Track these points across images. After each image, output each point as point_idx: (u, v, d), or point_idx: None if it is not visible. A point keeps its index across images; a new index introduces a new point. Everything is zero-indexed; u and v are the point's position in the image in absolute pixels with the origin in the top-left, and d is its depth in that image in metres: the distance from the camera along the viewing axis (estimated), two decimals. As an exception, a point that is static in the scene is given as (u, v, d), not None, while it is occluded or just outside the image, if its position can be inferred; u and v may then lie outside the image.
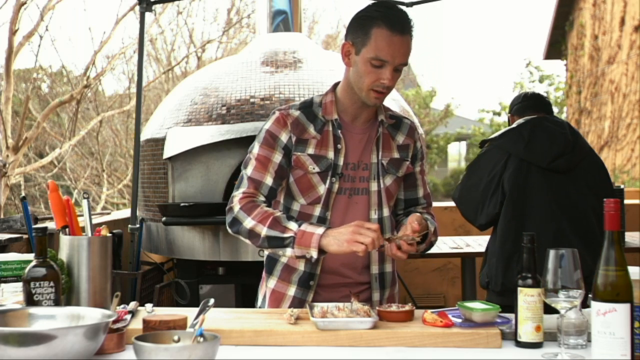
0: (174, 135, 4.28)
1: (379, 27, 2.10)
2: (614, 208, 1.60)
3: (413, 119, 4.12)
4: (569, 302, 1.70)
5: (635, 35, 11.51)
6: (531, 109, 3.21)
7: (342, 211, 2.22)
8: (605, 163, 13.14)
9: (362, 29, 2.13)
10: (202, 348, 1.58)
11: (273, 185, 2.20)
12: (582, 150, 3.08)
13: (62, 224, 2.04)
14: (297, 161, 2.20)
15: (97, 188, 11.46)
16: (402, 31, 2.10)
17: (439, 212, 6.11)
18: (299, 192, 2.22)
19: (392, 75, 2.12)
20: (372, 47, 2.10)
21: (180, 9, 11.50)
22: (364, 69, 2.13)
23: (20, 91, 11.03)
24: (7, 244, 3.82)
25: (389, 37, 2.09)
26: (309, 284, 2.24)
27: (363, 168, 2.24)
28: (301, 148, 2.20)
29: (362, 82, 2.14)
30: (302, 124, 2.21)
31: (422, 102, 17.87)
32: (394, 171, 2.27)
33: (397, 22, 2.10)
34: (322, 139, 2.21)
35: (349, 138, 2.22)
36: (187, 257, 4.32)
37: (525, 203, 3.00)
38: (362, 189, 2.23)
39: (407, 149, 2.31)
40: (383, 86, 2.12)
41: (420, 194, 2.37)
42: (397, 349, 1.82)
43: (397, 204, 2.35)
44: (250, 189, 2.18)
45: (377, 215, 2.24)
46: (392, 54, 2.09)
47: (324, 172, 2.19)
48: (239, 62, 4.68)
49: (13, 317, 1.75)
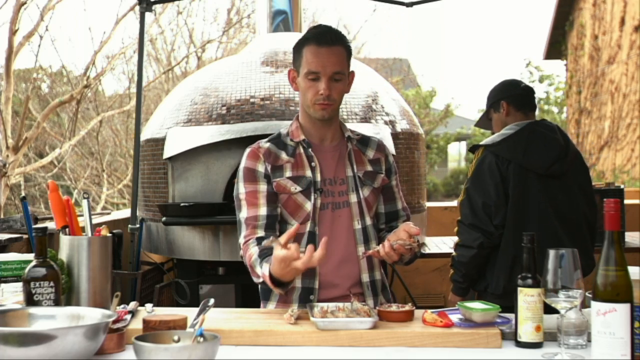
0: (174, 135, 4.28)
1: (308, 45, 2.28)
2: (614, 208, 1.60)
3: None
4: (569, 302, 1.71)
5: (635, 35, 11.51)
6: (529, 106, 3.21)
7: (328, 226, 2.30)
8: (605, 163, 13.07)
9: (298, 53, 2.31)
10: (202, 348, 1.58)
11: (269, 213, 2.27)
12: (572, 153, 3.12)
13: (62, 224, 2.04)
14: (278, 186, 2.29)
15: (97, 188, 11.46)
16: (328, 43, 2.25)
17: (439, 212, 6.13)
18: (289, 215, 2.31)
19: (329, 85, 2.24)
20: (305, 64, 2.26)
21: (180, 9, 11.49)
22: (305, 85, 2.27)
23: (20, 91, 11.03)
24: (7, 244, 3.81)
25: (317, 50, 2.25)
26: (309, 299, 2.27)
27: (340, 183, 2.33)
28: (279, 174, 2.30)
29: (307, 99, 2.28)
30: (273, 153, 2.32)
31: (422, 102, 17.85)
32: (370, 183, 2.36)
33: (323, 36, 2.27)
34: (297, 161, 2.32)
35: (321, 157, 2.34)
36: (187, 257, 4.32)
37: (526, 209, 3.02)
38: (342, 202, 2.32)
39: (379, 162, 2.41)
40: (323, 97, 2.24)
41: (400, 206, 2.46)
42: (397, 349, 1.82)
43: (379, 218, 2.43)
44: (248, 230, 2.27)
45: (360, 225, 2.33)
46: (322, 65, 2.23)
47: (307, 190, 2.29)
48: (239, 62, 4.68)
49: (13, 317, 1.76)
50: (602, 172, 12.58)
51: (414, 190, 4.58)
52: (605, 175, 12.40)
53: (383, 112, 4.44)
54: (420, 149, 4.69)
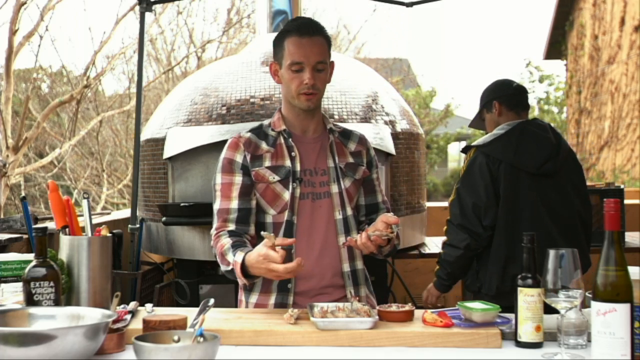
0: (174, 135, 4.28)
1: (289, 37, 2.30)
2: (614, 208, 1.60)
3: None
4: (569, 302, 1.71)
5: (635, 35, 11.51)
6: (521, 106, 3.21)
7: (308, 216, 2.32)
8: (605, 163, 13.06)
9: (279, 46, 2.33)
10: (202, 348, 1.58)
11: (240, 206, 2.30)
12: (564, 152, 3.11)
13: (62, 224, 2.04)
14: (257, 176, 2.31)
15: (97, 188, 11.46)
16: (309, 33, 2.28)
17: (439, 212, 6.12)
18: (267, 204, 2.33)
19: (313, 75, 2.27)
20: (288, 55, 2.29)
21: (180, 9, 11.49)
22: (288, 77, 2.30)
23: (20, 91, 11.03)
24: (7, 244, 3.81)
25: (298, 41, 2.28)
26: (287, 287, 2.30)
27: (321, 173, 2.36)
28: (258, 163, 2.32)
29: (291, 90, 2.30)
30: (254, 142, 2.35)
31: (422, 102, 17.85)
32: (352, 174, 2.39)
33: (303, 27, 2.29)
34: (277, 151, 2.34)
35: (302, 147, 2.36)
36: (187, 257, 4.32)
37: (518, 208, 3.02)
38: (323, 192, 2.34)
39: (361, 155, 2.44)
40: (307, 87, 2.27)
41: (380, 199, 2.48)
42: (397, 349, 1.82)
43: (359, 210, 2.45)
44: (219, 222, 2.31)
45: (341, 216, 2.34)
46: (305, 55, 2.26)
47: (285, 180, 2.31)
48: (239, 62, 4.68)
49: (13, 317, 1.76)
50: (602, 172, 12.59)
51: (414, 190, 4.58)
52: (605, 175, 12.40)
53: (383, 112, 4.44)
54: (420, 149, 4.69)
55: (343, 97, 4.35)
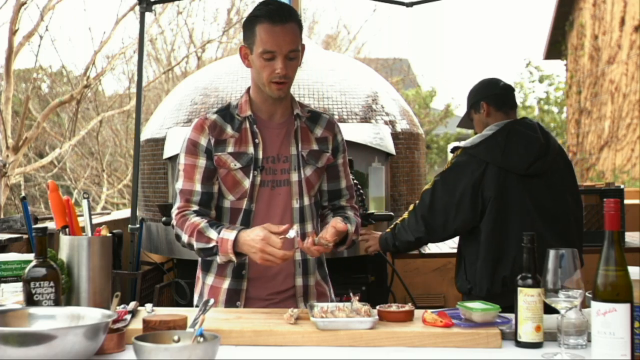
0: (174, 135, 4.28)
1: (260, 23, 2.24)
2: (614, 208, 1.60)
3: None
4: (569, 302, 1.71)
5: (635, 35, 11.51)
6: (509, 105, 3.16)
7: (266, 203, 2.32)
8: (605, 163, 13.06)
9: (250, 30, 2.27)
10: (202, 348, 1.58)
11: (203, 190, 2.30)
12: (554, 151, 3.08)
13: (62, 224, 2.04)
14: (219, 161, 2.30)
15: (97, 188, 11.46)
16: (282, 20, 2.23)
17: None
18: (227, 190, 2.32)
19: (285, 64, 2.23)
20: (259, 43, 2.23)
21: (180, 9, 11.49)
22: (259, 64, 2.25)
23: (20, 91, 11.03)
24: (7, 244, 3.82)
25: (271, 28, 2.22)
26: (241, 274, 2.32)
27: (283, 161, 2.33)
28: (221, 148, 2.30)
29: (262, 77, 2.26)
30: (219, 126, 2.32)
31: (422, 102, 17.85)
32: (314, 162, 2.36)
33: (275, 14, 2.23)
34: (241, 136, 2.31)
35: (266, 133, 2.33)
36: (187, 257, 4.31)
37: (507, 209, 2.98)
38: (283, 180, 2.33)
39: (326, 141, 2.40)
40: (279, 76, 2.23)
41: (343, 185, 2.47)
42: (397, 349, 1.82)
43: (322, 196, 2.45)
44: (182, 202, 2.31)
45: (298, 205, 2.34)
46: (277, 44, 2.22)
47: (246, 167, 2.30)
48: (239, 62, 4.64)
49: (13, 317, 1.76)
50: (602, 172, 12.58)
51: (414, 190, 4.58)
52: (605, 175, 12.40)
53: (383, 112, 4.44)
54: (420, 149, 4.69)
55: (343, 97, 4.35)
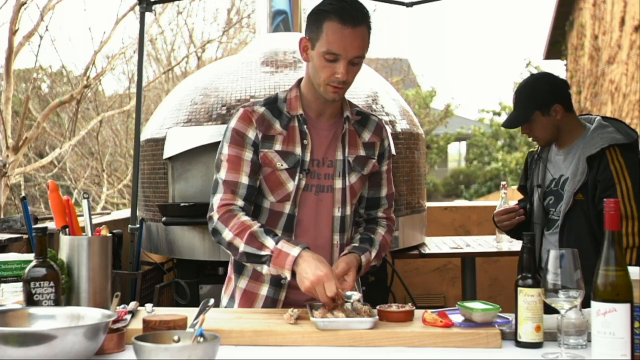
0: (174, 135, 4.28)
1: (330, 20, 2.07)
2: (614, 208, 1.60)
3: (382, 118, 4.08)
4: (569, 302, 1.70)
5: (635, 35, 11.51)
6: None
7: (311, 208, 2.21)
8: (605, 163, 12.92)
9: (316, 24, 2.11)
10: (202, 348, 1.58)
11: (250, 183, 2.17)
12: None
13: (62, 224, 2.04)
14: (264, 158, 2.17)
15: (97, 188, 11.46)
16: (353, 23, 2.07)
17: (439, 212, 6.12)
18: (268, 189, 2.20)
19: (347, 69, 2.09)
20: (325, 41, 2.08)
21: (180, 9, 11.49)
22: (319, 63, 2.11)
23: (20, 91, 11.03)
24: (7, 244, 3.82)
25: (340, 30, 2.06)
26: (280, 282, 2.23)
27: (328, 165, 2.22)
28: (268, 145, 2.18)
29: (319, 77, 2.12)
30: (267, 120, 2.19)
31: (422, 102, 17.86)
32: (360, 169, 2.25)
33: (348, 14, 2.07)
34: (289, 135, 2.19)
35: (315, 134, 2.21)
36: (187, 257, 4.32)
37: None
38: (327, 186, 2.22)
39: (374, 147, 2.29)
40: (338, 81, 2.10)
41: (384, 193, 2.35)
42: (397, 349, 1.82)
43: (360, 202, 2.34)
44: (227, 193, 2.16)
45: (340, 213, 2.24)
46: (344, 47, 2.07)
47: (292, 169, 2.17)
48: (239, 62, 4.68)
49: (13, 317, 1.76)
50: (602, 172, 12.56)
51: (414, 190, 4.58)
52: (605, 175, 12.38)
53: (383, 112, 4.44)
54: (420, 149, 4.69)
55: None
